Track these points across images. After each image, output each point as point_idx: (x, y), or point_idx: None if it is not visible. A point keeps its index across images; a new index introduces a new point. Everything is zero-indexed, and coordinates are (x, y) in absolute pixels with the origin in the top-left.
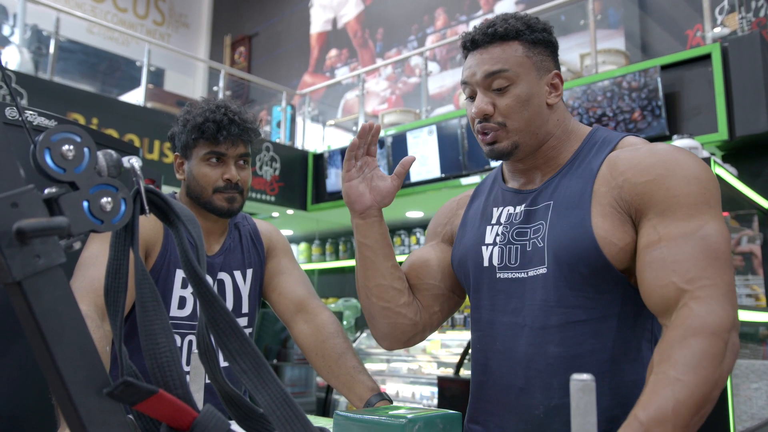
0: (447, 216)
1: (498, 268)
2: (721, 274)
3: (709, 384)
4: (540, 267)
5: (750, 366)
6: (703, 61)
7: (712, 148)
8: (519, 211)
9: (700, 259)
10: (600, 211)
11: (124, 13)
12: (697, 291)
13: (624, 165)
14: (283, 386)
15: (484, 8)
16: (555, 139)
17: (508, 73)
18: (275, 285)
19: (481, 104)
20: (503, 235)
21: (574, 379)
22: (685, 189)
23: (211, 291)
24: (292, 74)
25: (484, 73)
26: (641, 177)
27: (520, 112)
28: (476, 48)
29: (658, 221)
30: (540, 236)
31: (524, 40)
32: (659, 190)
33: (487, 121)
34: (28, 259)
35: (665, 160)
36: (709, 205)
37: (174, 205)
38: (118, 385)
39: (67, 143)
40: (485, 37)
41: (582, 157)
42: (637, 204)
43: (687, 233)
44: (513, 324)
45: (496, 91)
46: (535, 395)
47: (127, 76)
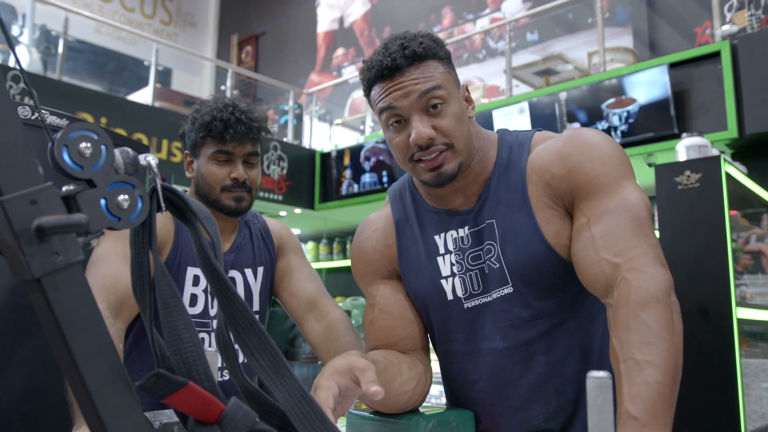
0: (378, 251)
1: (464, 298)
2: (647, 239)
3: (672, 351)
4: (504, 287)
5: (760, 365)
6: (712, 58)
7: (722, 146)
8: (464, 235)
9: (624, 230)
10: (542, 217)
11: (132, 13)
12: (630, 262)
13: (545, 161)
14: (301, 383)
15: (491, 6)
16: (478, 152)
17: (441, 90)
18: (286, 283)
19: (424, 129)
20: (459, 264)
21: (591, 376)
22: (602, 168)
23: (230, 287)
24: (299, 73)
25: (418, 92)
26: (563, 168)
27: (459, 129)
28: (395, 72)
29: (585, 204)
30: (493, 257)
31: (439, 57)
32: (581, 175)
33: (429, 146)
34: (47, 256)
35: (580, 144)
36: (625, 178)
37: (191, 202)
38: (150, 377)
39: (85, 141)
40: (405, 60)
41: (504, 166)
42: (567, 194)
43: (610, 209)
44: (492, 350)
45: (432, 111)
46: (533, 407)
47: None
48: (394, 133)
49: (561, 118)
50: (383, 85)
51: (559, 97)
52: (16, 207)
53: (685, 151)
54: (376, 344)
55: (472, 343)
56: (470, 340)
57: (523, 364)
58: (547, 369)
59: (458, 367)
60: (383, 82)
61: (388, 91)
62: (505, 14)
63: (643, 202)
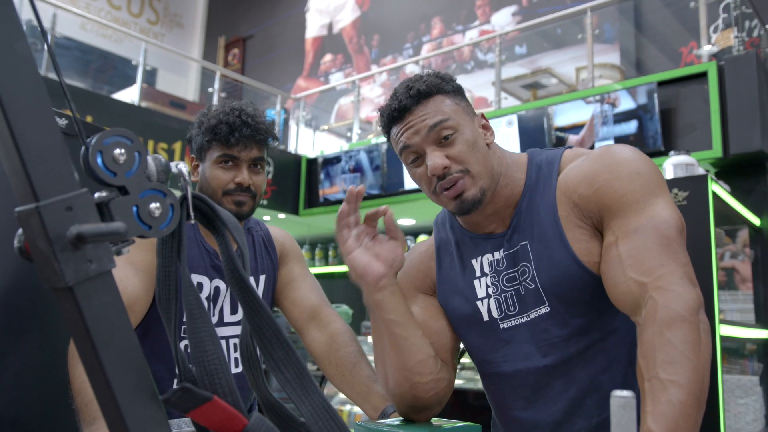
0: (421, 270)
1: (499, 319)
2: (675, 258)
3: (699, 372)
4: (541, 307)
5: (736, 382)
6: (699, 78)
7: (706, 165)
8: (499, 257)
9: (652, 249)
10: (573, 237)
11: (118, 11)
12: (656, 281)
13: (573, 182)
14: (324, 397)
15: (480, 18)
16: (504, 177)
17: (449, 121)
18: (288, 292)
19: (437, 160)
20: (495, 286)
21: (615, 395)
22: (630, 186)
23: (257, 299)
24: (286, 78)
25: (427, 127)
26: (591, 188)
27: (474, 155)
28: (404, 113)
29: (614, 223)
30: (528, 278)
31: (445, 91)
32: (608, 194)
33: (446, 175)
34: (81, 264)
35: (607, 163)
36: (654, 195)
37: (220, 211)
38: (176, 391)
39: (119, 147)
40: (410, 99)
41: (534, 187)
42: (596, 214)
43: (638, 227)
44: (532, 369)
45: (444, 142)
46: (575, 422)
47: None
48: (414, 168)
49: (549, 132)
50: (397, 127)
51: (548, 111)
52: (52, 213)
53: (673, 168)
54: None
55: (509, 363)
56: (507, 360)
57: (563, 378)
58: (587, 383)
59: (497, 388)
60: (396, 125)
61: (401, 132)
62: (494, 27)
63: (672, 219)
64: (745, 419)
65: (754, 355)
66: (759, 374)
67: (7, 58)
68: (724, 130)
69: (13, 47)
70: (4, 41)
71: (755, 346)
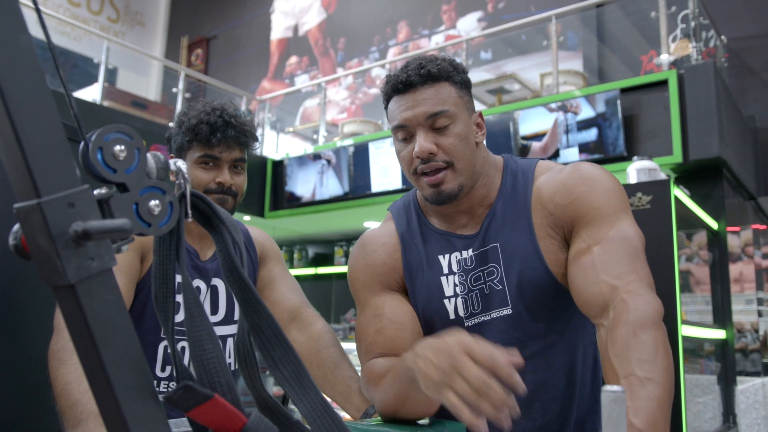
0: (387, 264)
1: (465, 317)
2: (642, 268)
3: (669, 371)
4: (503, 308)
5: (695, 381)
6: (660, 86)
7: (667, 170)
8: (468, 256)
9: (624, 258)
10: (544, 245)
11: (77, 8)
12: (627, 285)
13: (550, 191)
14: (323, 395)
15: (446, 23)
16: (484, 177)
17: (448, 112)
18: (268, 293)
19: (425, 143)
20: (462, 285)
21: (606, 390)
22: (605, 200)
23: (256, 297)
24: (251, 79)
25: (425, 114)
26: (568, 198)
27: (462, 150)
28: (409, 89)
29: (585, 232)
30: (496, 279)
31: (453, 81)
32: (584, 206)
33: (430, 160)
34: (83, 261)
35: (584, 178)
36: (625, 212)
37: (218, 209)
38: (178, 389)
39: (119, 143)
40: (419, 78)
41: (509, 193)
42: (569, 223)
43: (610, 237)
44: None
45: (437, 131)
46: (520, 422)
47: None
48: (401, 146)
49: (515, 136)
50: (397, 100)
51: (514, 115)
52: (54, 209)
53: (636, 173)
54: (383, 352)
55: None
56: None
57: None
58: (535, 387)
59: None
60: (398, 97)
61: (400, 107)
62: (460, 32)
63: (638, 235)
64: (704, 417)
65: (711, 355)
66: (717, 373)
67: (10, 52)
68: (684, 136)
69: (16, 40)
70: (6, 34)
71: (713, 346)
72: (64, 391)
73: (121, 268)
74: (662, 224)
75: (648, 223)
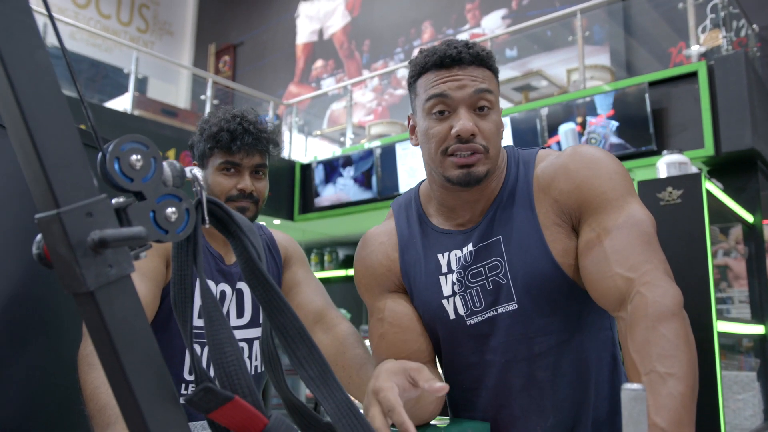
0: (384, 265)
1: (465, 316)
2: (657, 254)
3: (692, 364)
4: (509, 303)
5: (734, 378)
6: (689, 78)
7: (698, 164)
8: (466, 252)
9: (636, 246)
10: (550, 235)
11: (108, 20)
12: (643, 276)
13: (551, 177)
14: (347, 395)
15: (471, 22)
16: (498, 169)
17: (492, 95)
18: (293, 295)
19: (468, 123)
20: (460, 283)
21: (626, 388)
22: (610, 184)
23: (281, 297)
24: (278, 84)
25: (475, 88)
26: (572, 183)
27: (496, 138)
28: (455, 64)
29: (594, 220)
30: (500, 273)
31: (494, 71)
32: (590, 191)
33: (469, 142)
34: (102, 268)
35: (585, 161)
36: (631, 194)
37: (235, 216)
38: (198, 391)
39: (136, 153)
40: (469, 55)
41: (512, 183)
42: (575, 209)
43: (620, 224)
44: (495, 362)
45: (479, 112)
46: (532, 418)
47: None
48: (434, 121)
49: (542, 134)
50: (439, 73)
51: (540, 112)
52: (72, 219)
53: (666, 167)
54: (387, 357)
55: (477, 354)
56: (475, 352)
57: (524, 378)
58: (545, 385)
59: (463, 377)
60: (439, 71)
61: (443, 80)
62: (484, 30)
63: (648, 218)
64: (744, 414)
65: (750, 351)
66: (756, 369)
67: (28, 67)
68: (716, 128)
69: (34, 56)
70: (24, 50)
71: (752, 342)
72: (93, 395)
73: (147, 274)
74: (694, 219)
75: (679, 218)
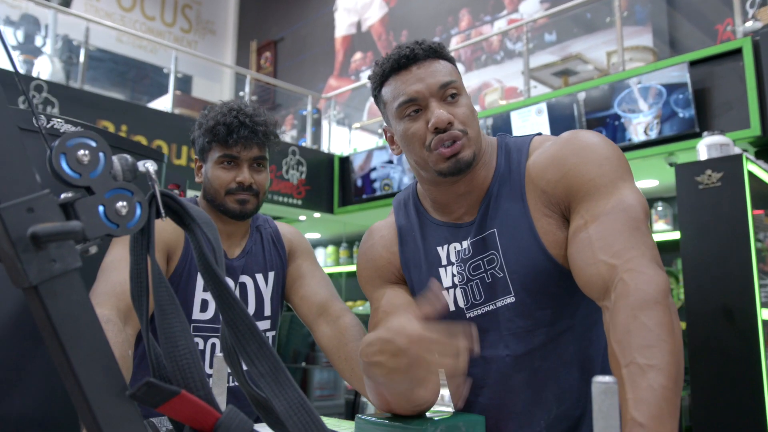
0: (384, 257)
1: (466, 308)
2: (643, 241)
3: (675, 355)
4: (507, 296)
5: None
6: (733, 55)
7: (745, 144)
8: (466, 246)
9: (622, 232)
10: (541, 227)
11: (152, 21)
12: (627, 263)
13: (541, 167)
14: (301, 391)
15: (508, 8)
16: (483, 156)
17: (457, 83)
18: (297, 288)
19: (442, 113)
20: (460, 275)
21: (596, 381)
22: (599, 170)
23: (230, 293)
24: (318, 78)
25: (439, 83)
26: (559, 172)
27: (473, 120)
28: (412, 64)
29: (582, 207)
30: (496, 266)
31: (448, 59)
32: (577, 178)
33: (447, 130)
34: (44, 263)
35: (575, 148)
36: (623, 179)
37: (189, 208)
38: (141, 386)
39: (83, 148)
40: (423, 51)
41: (503, 174)
42: (563, 199)
43: (607, 210)
44: (496, 357)
45: (450, 101)
46: (535, 413)
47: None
48: (410, 122)
49: (580, 119)
50: (399, 76)
51: (578, 97)
52: (13, 215)
53: (707, 149)
54: None
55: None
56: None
57: (526, 371)
58: (547, 376)
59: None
60: (399, 74)
61: (406, 81)
62: (522, 15)
63: (640, 203)
64: None
65: None
66: None
67: None
68: (762, 107)
69: None
70: None
71: None
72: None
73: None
74: (735, 202)
75: (719, 201)
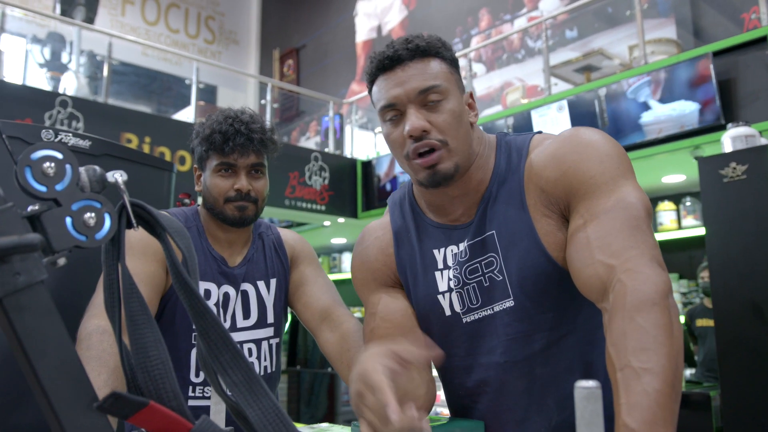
0: (379, 260)
1: (462, 313)
2: (644, 240)
3: (672, 358)
4: (505, 300)
5: None
6: (758, 44)
7: None
8: (463, 248)
9: (621, 231)
10: (541, 228)
11: (177, 34)
12: (625, 263)
13: (540, 166)
14: (276, 400)
15: (528, 6)
16: (479, 159)
17: (440, 87)
18: (300, 294)
19: (417, 121)
20: (457, 279)
21: (579, 386)
22: (600, 168)
23: (202, 302)
24: (340, 83)
25: (416, 89)
26: (558, 170)
27: (456, 128)
28: (396, 65)
29: (582, 206)
30: (495, 269)
31: (443, 57)
32: (576, 176)
33: (423, 139)
34: (8, 276)
35: (574, 146)
36: (624, 177)
37: (160, 217)
38: (108, 398)
39: (48, 161)
40: (407, 52)
41: (502, 174)
42: (562, 199)
43: (607, 209)
44: (493, 363)
45: (429, 109)
46: (535, 420)
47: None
48: (391, 127)
49: (601, 115)
50: (384, 78)
51: (599, 93)
52: None
53: (731, 142)
54: None
55: (472, 357)
56: (471, 353)
57: (526, 377)
58: (547, 382)
59: (459, 382)
60: (384, 75)
61: (387, 85)
62: (542, 12)
63: (641, 201)
64: None
65: None
66: None
67: None
68: None
69: None
70: None
71: None
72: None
73: (144, 279)
74: (761, 195)
75: (744, 194)
